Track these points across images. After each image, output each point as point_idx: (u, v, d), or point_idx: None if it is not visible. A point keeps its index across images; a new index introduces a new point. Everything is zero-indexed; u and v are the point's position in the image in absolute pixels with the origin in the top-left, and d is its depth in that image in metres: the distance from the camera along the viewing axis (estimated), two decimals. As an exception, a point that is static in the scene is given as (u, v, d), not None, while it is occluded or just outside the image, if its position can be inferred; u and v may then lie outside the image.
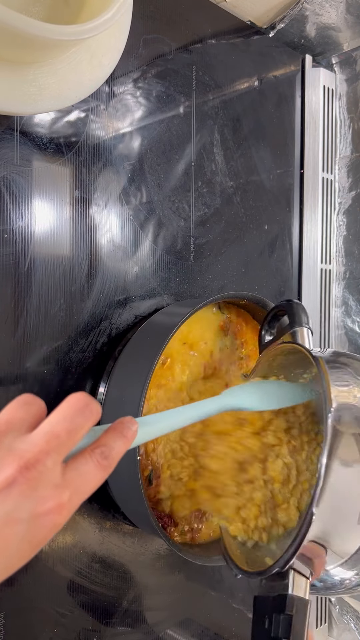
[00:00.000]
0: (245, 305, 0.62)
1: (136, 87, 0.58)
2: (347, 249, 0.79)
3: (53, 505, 0.27)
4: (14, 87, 0.41)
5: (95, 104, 0.55)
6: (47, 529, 0.27)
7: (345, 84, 0.79)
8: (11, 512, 0.26)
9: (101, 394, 0.54)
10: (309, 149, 0.78)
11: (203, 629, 0.66)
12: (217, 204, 0.67)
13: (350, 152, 0.78)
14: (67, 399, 0.30)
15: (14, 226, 0.49)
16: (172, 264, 0.62)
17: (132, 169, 0.58)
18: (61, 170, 0.52)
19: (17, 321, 0.49)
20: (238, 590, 0.70)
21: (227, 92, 0.68)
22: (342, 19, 0.73)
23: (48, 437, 0.28)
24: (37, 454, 0.27)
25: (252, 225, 0.71)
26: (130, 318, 0.58)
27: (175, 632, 0.63)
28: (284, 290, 0.76)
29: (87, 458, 0.30)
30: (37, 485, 0.27)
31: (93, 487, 0.30)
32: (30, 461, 0.27)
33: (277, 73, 0.75)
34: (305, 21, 0.73)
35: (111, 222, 0.56)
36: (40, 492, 0.27)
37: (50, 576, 0.51)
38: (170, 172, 0.62)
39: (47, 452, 0.27)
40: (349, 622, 0.77)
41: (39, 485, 0.27)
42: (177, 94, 0.62)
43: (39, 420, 0.30)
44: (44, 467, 0.27)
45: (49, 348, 0.51)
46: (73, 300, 0.53)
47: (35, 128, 0.50)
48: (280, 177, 0.75)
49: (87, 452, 0.30)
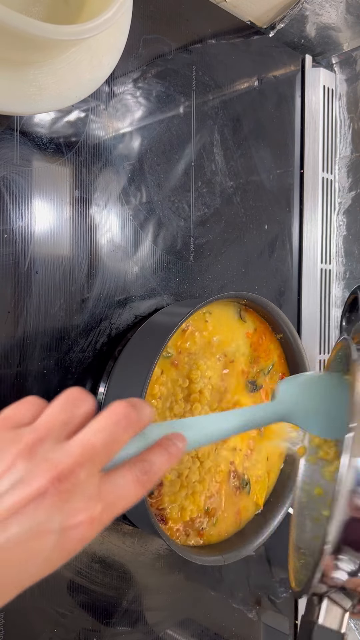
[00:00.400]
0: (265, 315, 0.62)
1: (136, 87, 0.58)
2: (347, 249, 0.79)
3: (84, 518, 0.27)
4: (14, 87, 0.41)
5: (95, 104, 0.55)
6: (76, 542, 0.27)
7: (345, 84, 0.79)
8: (42, 523, 0.26)
9: (101, 394, 0.54)
10: (309, 149, 0.78)
11: (203, 629, 0.66)
12: (217, 204, 0.67)
13: (350, 152, 0.79)
14: (109, 408, 0.29)
15: (13, 226, 0.49)
16: (172, 264, 0.62)
17: (132, 169, 0.58)
18: (61, 170, 0.52)
19: (17, 321, 0.49)
20: (238, 590, 0.70)
21: (227, 92, 0.68)
22: (342, 19, 0.73)
23: (84, 448, 0.27)
24: (71, 465, 0.27)
25: (252, 225, 0.71)
26: (130, 318, 0.58)
27: (175, 632, 0.63)
28: (284, 290, 0.76)
29: (126, 472, 0.29)
30: (69, 497, 0.26)
31: (128, 503, 0.29)
32: (64, 472, 0.26)
33: (277, 73, 0.75)
34: (305, 21, 0.73)
35: (111, 222, 0.56)
36: (72, 504, 0.26)
37: (50, 576, 0.51)
38: (170, 172, 0.62)
39: (81, 464, 0.27)
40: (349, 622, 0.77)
41: (72, 497, 0.26)
42: (177, 94, 0.62)
43: (84, 422, 0.29)
44: (77, 479, 0.27)
45: (49, 348, 0.51)
46: (73, 300, 0.53)
47: (35, 128, 0.50)
48: (280, 177, 0.75)
49: (127, 466, 0.30)
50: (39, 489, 0.26)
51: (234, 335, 0.61)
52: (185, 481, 0.56)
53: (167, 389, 0.55)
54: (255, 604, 0.72)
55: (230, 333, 0.61)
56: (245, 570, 0.71)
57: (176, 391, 0.56)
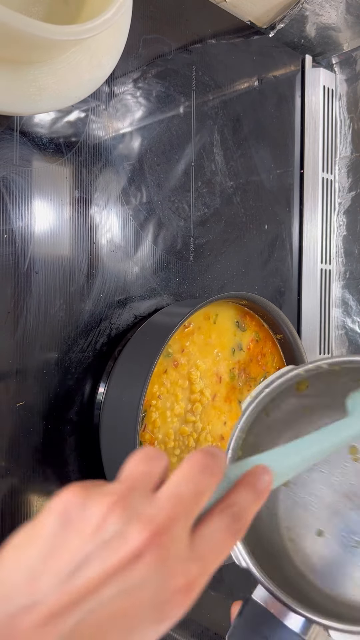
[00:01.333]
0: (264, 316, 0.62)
1: (136, 87, 0.58)
2: (347, 249, 0.79)
3: (182, 583, 0.23)
4: (14, 87, 0.41)
5: (95, 104, 0.55)
6: (173, 611, 0.23)
7: (345, 84, 0.79)
8: (137, 588, 0.22)
9: (101, 394, 0.54)
10: (309, 149, 0.78)
11: (203, 629, 0.66)
12: (217, 204, 0.67)
13: (350, 152, 0.78)
14: (188, 458, 0.26)
15: (13, 226, 0.49)
16: (172, 264, 0.62)
17: (132, 169, 0.58)
18: (61, 170, 0.52)
19: (17, 321, 0.49)
20: (238, 590, 0.70)
21: (227, 92, 0.68)
22: (342, 19, 0.73)
23: (174, 500, 0.24)
24: (166, 520, 0.23)
25: (252, 225, 0.71)
26: (130, 318, 0.58)
27: (175, 632, 0.63)
28: (284, 291, 0.76)
29: (216, 522, 0.25)
30: (167, 557, 0.22)
31: (222, 558, 0.25)
32: (160, 528, 0.23)
33: (277, 73, 0.75)
34: (305, 21, 0.73)
35: (111, 222, 0.56)
36: (169, 566, 0.22)
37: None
38: (170, 172, 0.62)
39: (175, 518, 0.23)
40: (348, 622, 0.77)
41: (169, 557, 0.22)
42: (177, 94, 0.62)
43: (163, 477, 0.26)
44: (173, 536, 0.23)
45: (49, 348, 0.51)
46: (73, 300, 0.53)
47: (35, 128, 0.50)
48: (280, 177, 0.75)
49: (215, 515, 0.25)
50: (136, 548, 0.22)
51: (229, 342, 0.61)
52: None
53: (166, 389, 0.55)
54: (255, 604, 0.72)
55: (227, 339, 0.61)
56: (245, 570, 0.71)
57: (176, 391, 0.56)
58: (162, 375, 0.55)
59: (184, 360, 0.57)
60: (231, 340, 0.61)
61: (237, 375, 0.62)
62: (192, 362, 0.57)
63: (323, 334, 0.78)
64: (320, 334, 0.78)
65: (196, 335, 0.58)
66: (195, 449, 0.54)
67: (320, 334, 0.78)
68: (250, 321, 0.63)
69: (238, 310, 0.62)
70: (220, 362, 0.60)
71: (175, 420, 0.55)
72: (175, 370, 0.56)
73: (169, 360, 0.55)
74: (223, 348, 0.60)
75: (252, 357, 0.63)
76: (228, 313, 0.61)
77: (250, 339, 0.63)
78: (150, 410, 0.53)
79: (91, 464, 0.54)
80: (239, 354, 0.62)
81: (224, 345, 0.60)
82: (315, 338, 0.77)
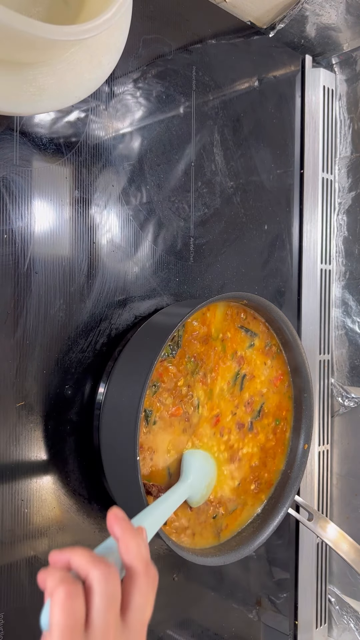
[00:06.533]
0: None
1: (136, 87, 0.58)
2: (347, 249, 0.79)
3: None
4: (14, 87, 0.41)
5: (95, 104, 0.55)
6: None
7: (345, 84, 0.79)
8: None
9: (101, 394, 0.54)
10: (309, 149, 0.78)
11: (203, 629, 0.66)
12: (217, 204, 0.67)
13: (350, 152, 0.79)
14: (94, 586, 0.32)
15: (13, 226, 0.49)
16: (172, 264, 0.62)
17: (132, 169, 0.58)
18: (61, 170, 0.52)
19: (17, 321, 0.49)
20: (238, 590, 0.70)
21: (227, 92, 0.68)
22: (342, 19, 0.73)
23: (103, 623, 0.32)
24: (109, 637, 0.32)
25: (252, 225, 0.71)
26: (130, 318, 0.58)
27: (175, 632, 0.63)
28: (284, 291, 0.76)
29: (134, 594, 0.34)
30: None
31: (150, 611, 0.35)
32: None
33: (277, 73, 0.75)
34: (305, 21, 0.73)
35: (111, 223, 0.56)
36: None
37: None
38: (170, 172, 0.62)
39: (110, 629, 0.32)
40: (348, 622, 0.77)
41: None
42: (177, 94, 0.62)
43: (89, 600, 0.32)
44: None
45: (49, 348, 0.51)
46: (73, 300, 0.53)
47: (35, 128, 0.50)
48: (280, 177, 0.75)
49: (137, 580, 0.35)
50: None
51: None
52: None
53: (167, 388, 0.55)
54: (255, 604, 0.72)
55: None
56: (245, 570, 0.71)
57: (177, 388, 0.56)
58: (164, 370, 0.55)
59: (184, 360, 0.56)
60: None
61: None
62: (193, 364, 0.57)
63: (323, 334, 0.78)
64: (320, 334, 0.78)
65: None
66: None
67: (320, 334, 0.78)
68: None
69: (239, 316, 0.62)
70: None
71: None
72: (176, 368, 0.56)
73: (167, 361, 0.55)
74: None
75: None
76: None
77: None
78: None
79: (91, 464, 0.54)
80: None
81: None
82: (315, 338, 0.77)
